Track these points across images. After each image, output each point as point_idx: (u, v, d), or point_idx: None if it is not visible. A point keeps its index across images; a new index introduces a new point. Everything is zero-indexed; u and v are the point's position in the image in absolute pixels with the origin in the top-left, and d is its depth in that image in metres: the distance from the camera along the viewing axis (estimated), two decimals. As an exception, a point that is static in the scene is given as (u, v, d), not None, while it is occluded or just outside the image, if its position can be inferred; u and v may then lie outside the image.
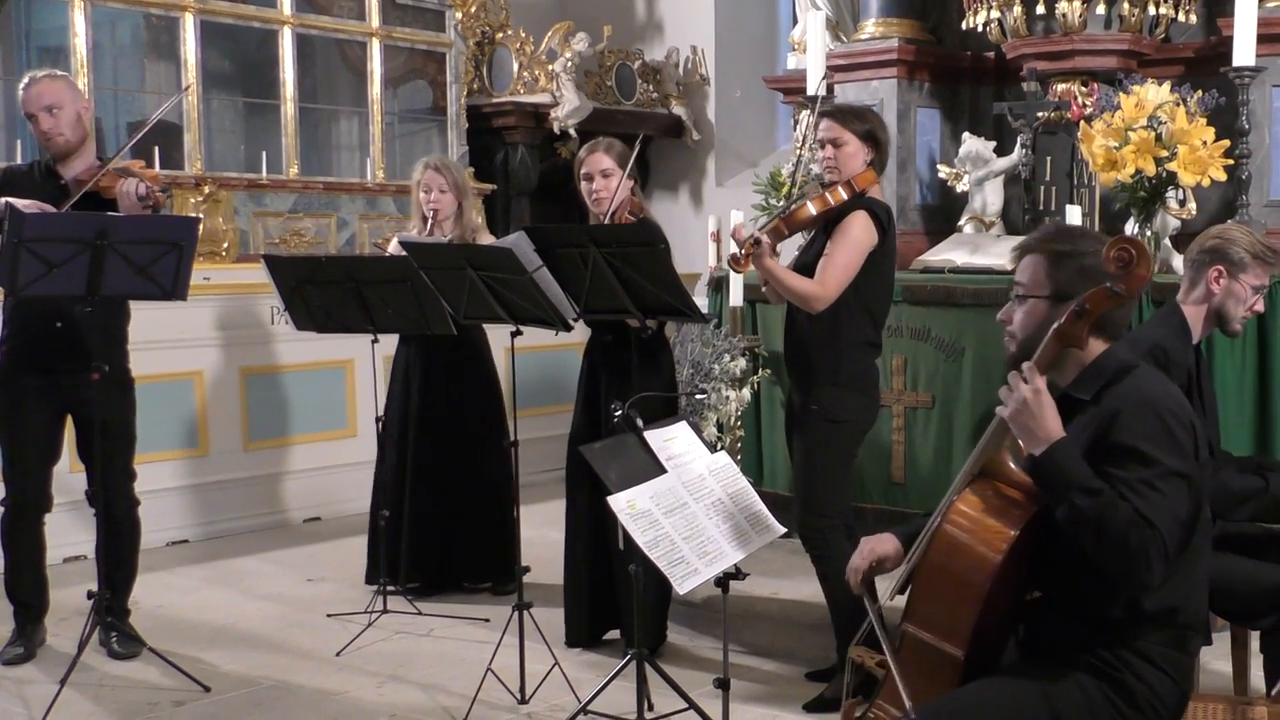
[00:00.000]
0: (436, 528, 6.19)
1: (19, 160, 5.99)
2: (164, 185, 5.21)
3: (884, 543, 3.20)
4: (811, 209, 4.67)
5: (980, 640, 2.93)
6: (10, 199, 4.85)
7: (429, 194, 6.02)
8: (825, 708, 4.69)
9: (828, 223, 4.70)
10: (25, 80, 5.25)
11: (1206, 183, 5.75)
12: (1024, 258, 3.11)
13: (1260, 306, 4.22)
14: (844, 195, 4.67)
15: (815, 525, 4.76)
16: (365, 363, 6.03)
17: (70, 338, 5.08)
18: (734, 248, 4.71)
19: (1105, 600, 2.93)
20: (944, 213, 7.16)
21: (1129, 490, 2.79)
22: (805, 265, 4.79)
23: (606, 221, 5.10)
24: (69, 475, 5.91)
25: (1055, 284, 3.01)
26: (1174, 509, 2.81)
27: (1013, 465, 3.03)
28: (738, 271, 4.67)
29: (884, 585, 3.19)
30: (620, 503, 3.58)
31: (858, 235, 4.63)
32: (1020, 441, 2.93)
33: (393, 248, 6.19)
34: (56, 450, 5.39)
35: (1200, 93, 5.89)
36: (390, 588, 5.97)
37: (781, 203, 6.37)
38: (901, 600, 3.11)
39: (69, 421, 5.38)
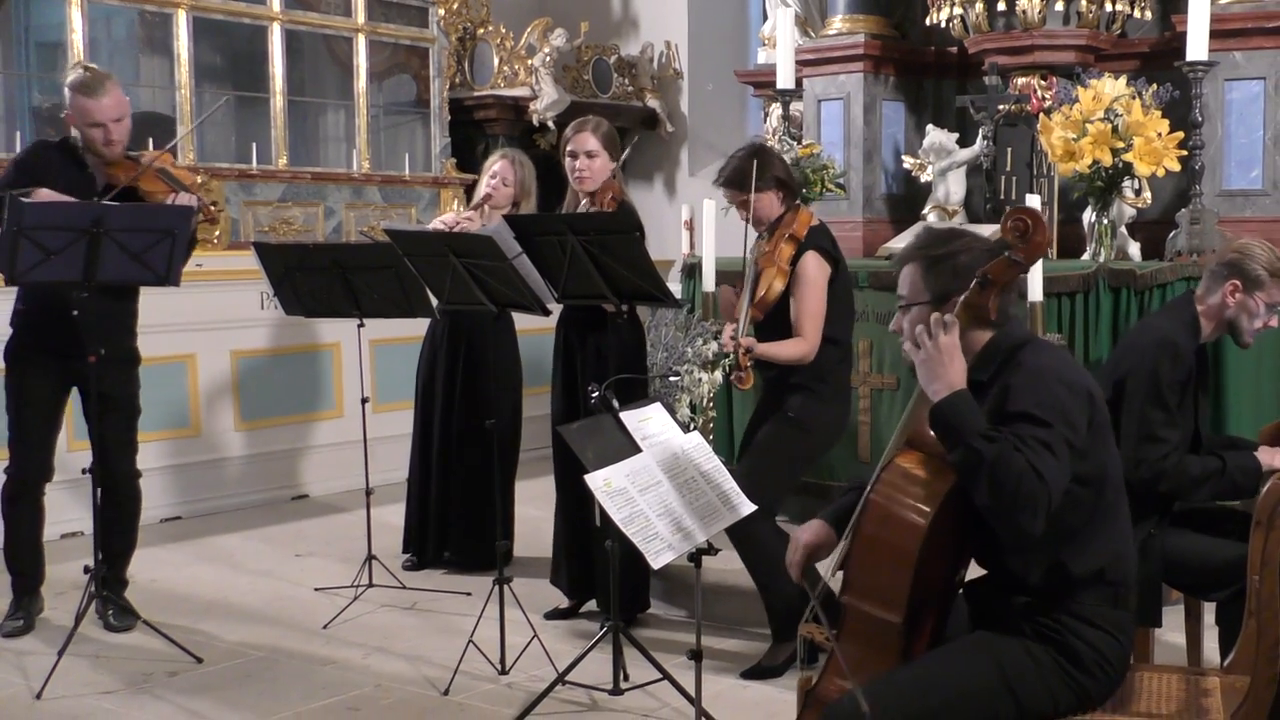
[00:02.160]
0: (451, 503, 6.33)
1: (18, 153, 6.00)
2: (206, 201, 5.30)
3: (814, 531, 3.21)
4: (778, 286, 4.79)
5: (918, 607, 2.96)
6: (13, 191, 4.86)
7: (494, 179, 6.10)
8: (761, 675, 4.81)
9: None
10: (79, 79, 5.11)
11: (1161, 173, 5.80)
12: (902, 269, 3.14)
13: (1274, 323, 4.23)
14: (790, 251, 4.80)
15: None
16: (351, 346, 6.15)
17: (84, 325, 5.07)
18: (731, 362, 4.76)
19: (1024, 565, 2.99)
20: (908, 202, 7.22)
21: (1022, 444, 2.81)
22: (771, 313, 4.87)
23: (587, 203, 5.20)
24: (66, 454, 5.96)
25: (933, 288, 3.05)
26: (1061, 473, 2.84)
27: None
28: (743, 388, 4.81)
29: (825, 566, 3.23)
30: (597, 481, 3.64)
31: (814, 276, 4.78)
32: (925, 388, 2.95)
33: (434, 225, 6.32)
34: (60, 421, 5.47)
35: (1155, 86, 5.95)
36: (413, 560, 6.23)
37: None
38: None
39: (72, 397, 5.43)
